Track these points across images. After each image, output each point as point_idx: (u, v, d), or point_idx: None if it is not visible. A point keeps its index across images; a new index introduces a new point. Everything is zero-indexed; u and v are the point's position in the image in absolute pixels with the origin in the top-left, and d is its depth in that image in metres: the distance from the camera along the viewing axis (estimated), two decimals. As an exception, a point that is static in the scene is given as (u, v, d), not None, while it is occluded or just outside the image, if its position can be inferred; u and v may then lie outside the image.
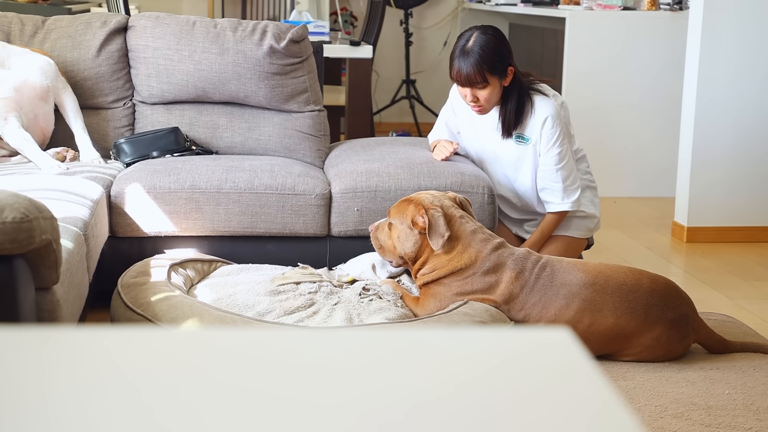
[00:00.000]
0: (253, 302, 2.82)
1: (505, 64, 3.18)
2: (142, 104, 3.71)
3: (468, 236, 2.83)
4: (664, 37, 5.25)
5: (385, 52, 7.35)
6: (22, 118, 3.33)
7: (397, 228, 2.90)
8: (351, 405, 0.66)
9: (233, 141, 3.69)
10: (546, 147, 3.24)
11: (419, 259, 2.88)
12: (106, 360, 0.73)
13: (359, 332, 0.82)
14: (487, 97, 3.20)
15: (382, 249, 2.97)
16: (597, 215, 3.44)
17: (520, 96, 3.23)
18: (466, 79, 3.16)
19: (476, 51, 3.14)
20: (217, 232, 3.22)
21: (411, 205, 2.86)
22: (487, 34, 3.19)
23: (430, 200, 2.86)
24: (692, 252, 4.24)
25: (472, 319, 2.67)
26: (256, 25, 3.67)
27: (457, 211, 2.87)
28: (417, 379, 0.71)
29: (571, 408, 0.67)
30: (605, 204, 4.95)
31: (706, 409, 2.48)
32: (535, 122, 3.23)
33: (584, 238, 3.44)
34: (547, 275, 2.78)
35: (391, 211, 2.94)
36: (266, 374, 0.71)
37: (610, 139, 5.27)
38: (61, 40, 3.59)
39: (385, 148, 3.61)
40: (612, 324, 2.74)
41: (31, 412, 0.64)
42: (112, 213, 3.15)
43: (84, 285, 2.53)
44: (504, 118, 3.26)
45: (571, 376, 0.71)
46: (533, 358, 0.75)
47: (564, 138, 3.25)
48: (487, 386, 0.70)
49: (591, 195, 3.44)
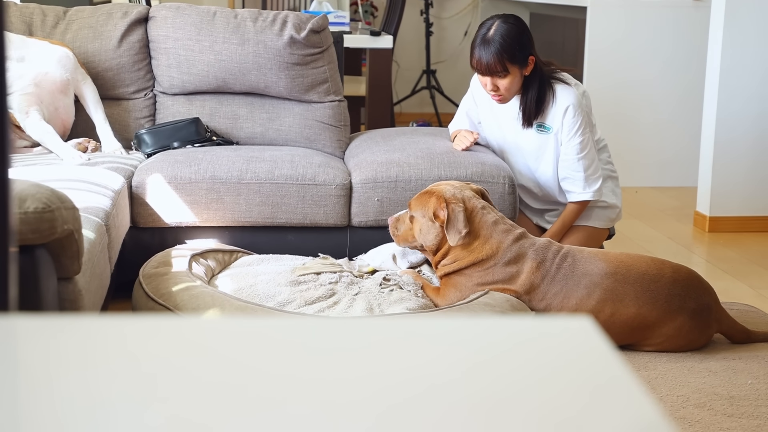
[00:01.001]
0: (274, 292, 2.82)
1: (526, 54, 3.17)
2: (163, 95, 3.72)
3: (489, 227, 2.82)
4: (687, 27, 5.21)
5: (406, 43, 7.34)
6: (43, 111, 3.35)
7: (418, 221, 2.89)
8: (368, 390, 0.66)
9: (254, 131, 3.69)
10: (568, 136, 3.23)
11: (440, 251, 2.88)
12: (127, 348, 0.73)
13: (379, 321, 0.82)
14: (508, 87, 3.18)
15: (402, 239, 2.96)
16: (618, 205, 3.42)
17: (541, 85, 3.21)
18: (487, 68, 3.15)
19: (497, 40, 3.13)
20: (238, 223, 3.23)
21: (432, 198, 2.85)
22: (509, 23, 3.17)
23: (452, 192, 2.85)
24: (714, 242, 4.22)
25: (492, 309, 2.66)
26: (277, 15, 3.67)
27: (478, 202, 2.86)
28: (437, 365, 0.71)
29: (594, 396, 0.67)
30: (626, 194, 4.92)
31: (728, 399, 2.46)
32: (557, 111, 3.22)
33: (605, 228, 3.43)
34: (569, 265, 2.77)
35: (411, 203, 2.93)
36: (286, 360, 0.71)
37: (632, 129, 5.24)
38: (82, 30, 3.61)
39: (406, 138, 3.60)
40: (634, 314, 2.73)
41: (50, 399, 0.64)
42: (134, 203, 3.17)
43: (105, 275, 2.54)
44: (525, 108, 3.24)
45: (593, 365, 0.71)
46: (555, 346, 0.75)
47: (586, 127, 3.23)
48: (509, 373, 0.70)
49: (612, 185, 3.43)
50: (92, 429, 0.61)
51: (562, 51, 6.03)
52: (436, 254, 2.89)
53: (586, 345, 0.75)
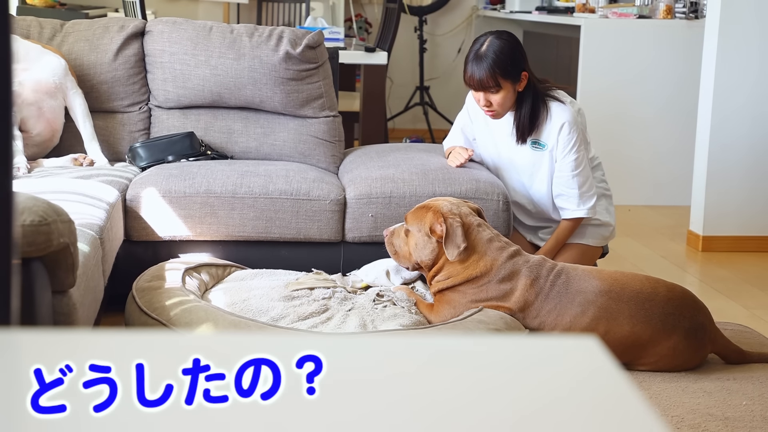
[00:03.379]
0: (267, 307, 2.81)
1: (518, 69, 3.18)
2: (158, 108, 3.72)
3: (484, 244, 2.82)
4: (680, 46, 5.23)
5: (400, 59, 7.35)
6: (23, 111, 3.34)
7: (414, 235, 2.88)
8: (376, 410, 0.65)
9: (248, 146, 3.69)
10: (563, 153, 3.23)
11: (434, 266, 2.87)
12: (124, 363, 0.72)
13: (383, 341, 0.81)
14: (501, 102, 3.19)
15: (396, 255, 2.95)
16: (612, 223, 3.43)
17: (535, 101, 3.22)
18: (479, 83, 3.17)
19: (490, 55, 3.15)
20: (232, 237, 3.22)
21: (429, 213, 2.84)
22: (502, 39, 3.19)
23: (449, 208, 2.84)
24: (708, 261, 4.22)
25: (486, 326, 2.65)
26: (273, 30, 3.67)
27: (474, 219, 2.86)
28: (444, 386, 0.70)
29: (604, 416, 0.66)
30: (620, 212, 4.93)
31: (723, 420, 2.46)
32: (552, 128, 3.23)
33: (599, 246, 3.43)
34: (562, 282, 2.77)
35: (408, 217, 2.92)
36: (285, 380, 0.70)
37: (625, 147, 5.25)
38: (78, 43, 3.60)
39: (400, 154, 3.60)
40: (628, 332, 2.72)
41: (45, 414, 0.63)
42: (128, 217, 3.16)
43: (99, 289, 2.53)
44: (518, 123, 3.25)
45: (602, 385, 0.70)
46: (563, 366, 0.75)
47: (581, 144, 3.24)
48: (519, 395, 0.69)
49: (606, 203, 3.43)
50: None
51: (556, 69, 6.05)
52: (431, 270, 2.89)
53: (593, 365, 0.74)
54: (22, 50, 3.36)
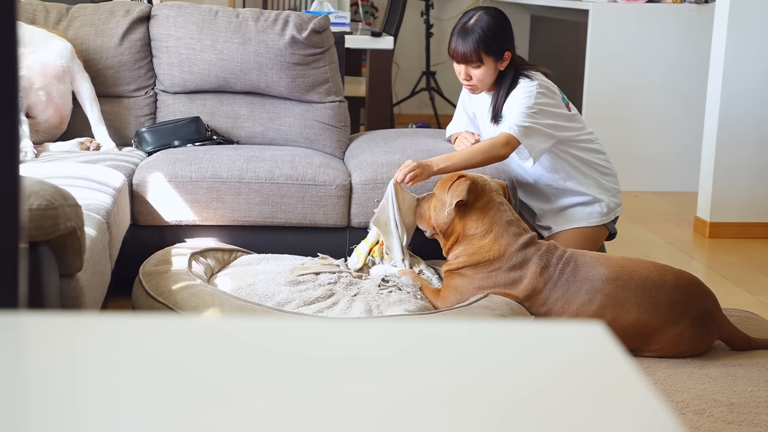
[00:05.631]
0: (273, 292, 2.82)
1: (502, 47, 3.19)
2: (164, 93, 3.72)
3: (502, 226, 2.82)
4: (689, 31, 5.21)
5: (406, 44, 7.33)
6: (31, 97, 3.34)
7: (435, 197, 2.92)
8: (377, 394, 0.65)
9: (254, 131, 3.69)
10: (514, 103, 3.17)
11: (451, 236, 2.88)
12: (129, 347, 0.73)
13: (382, 324, 0.81)
14: (481, 77, 3.21)
15: (421, 217, 2.99)
16: (604, 199, 3.33)
17: (513, 82, 3.22)
18: (462, 56, 3.19)
19: (476, 30, 3.17)
20: (238, 222, 3.22)
21: (454, 177, 2.90)
22: (490, 15, 3.22)
23: (474, 177, 2.89)
24: (715, 248, 4.21)
25: (492, 312, 2.66)
26: (278, 15, 3.66)
27: (497, 197, 2.87)
28: (449, 370, 0.70)
29: (607, 401, 0.66)
30: (626, 198, 4.92)
31: (728, 405, 2.46)
32: (509, 99, 3.21)
33: (600, 226, 3.36)
34: (571, 270, 2.77)
35: (437, 184, 2.97)
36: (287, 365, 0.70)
37: (633, 133, 5.24)
38: (84, 28, 3.60)
39: (406, 139, 3.60)
40: (635, 319, 2.72)
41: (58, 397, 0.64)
42: (134, 201, 3.16)
43: (106, 273, 2.53)
44: (495, 103, 3.26)
45: (607, 370, 0.70)
46: (568, 350, 0.75)
47: (534, 101, 3.14)
48: (521, 377, 0.69)
49: (597, 176, 3.33)
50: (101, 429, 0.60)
51: (563, 54, 6.03)
52: (447, 239, 2.89)
53: (598, 350, 0.74)
54: (28, 35, 3.35)
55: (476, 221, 2.83)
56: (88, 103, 3.48)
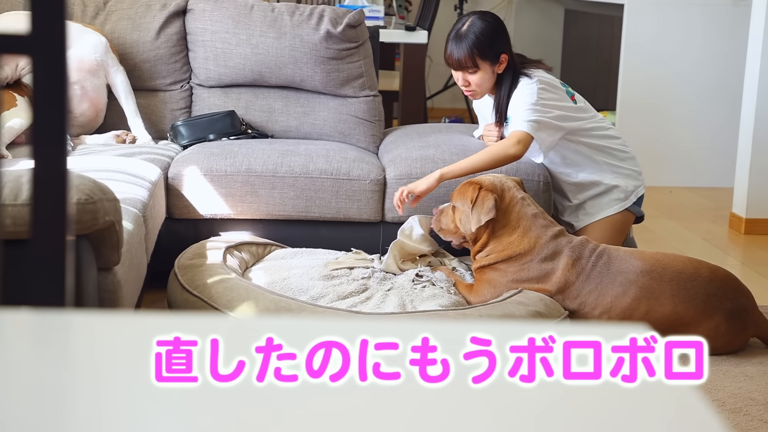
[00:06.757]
0: (307, 286, 2.83)
1: (497, 51, 3.17)
2: (200, 87, 3.74)
3: (529, 220, 2.82)
4: (725, 25, 5.15)
5: (439, 38, 7.30)
6: None
7: (459, 210, 2.91)
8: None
9: (288, 125, 3.70)
10: (518, 104, 3.15)
11: (479, 241, 2.88)
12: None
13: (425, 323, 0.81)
14: (478, 82, 3.20)
15: (442, 230, 2.98)
16: (621, 184, 3.28)
17: (514, 83, 3.20)
18: (457, 62, 3.18)
19: (470, 36, 3.15)
20: (272, 216, 3.23)
21: (471, 186, 2.88)
22: (484, 20, 3.20)
23: (491, 181, 2.87)
24: (750, 244, 4.17)
25: (526, 308, 2.65)
26: (314, 9, 3.67)
27: (519, 193, 2.87)
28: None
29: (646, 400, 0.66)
30: (660, 194, 4.89)
31: (765, 404, 2.44)
32: (512, 101, 3.20)
33: (622, 212, 3.30)
34: (604, 263, 2.76)
35: (453, 195, 2.95)
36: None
37: (667, 128, 5.20)
38: (121, 21, 3.63)
39: (441, 135, 3.60)
40: (669, 312, 2.71)
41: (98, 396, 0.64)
42: (170, 195, 3.19)
43: (143, 266, 2.56)
44: (497, 105, 3.25)
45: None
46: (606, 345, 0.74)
47: (538, 102, 3.13)
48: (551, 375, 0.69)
49: (613, 161, 3.30)
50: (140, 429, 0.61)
51: (598, 49, 5.99)
52: (475, 243, 2.89)
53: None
54: None
55: (502, 220, 2.84)
56: (123, 97, 3.51)
